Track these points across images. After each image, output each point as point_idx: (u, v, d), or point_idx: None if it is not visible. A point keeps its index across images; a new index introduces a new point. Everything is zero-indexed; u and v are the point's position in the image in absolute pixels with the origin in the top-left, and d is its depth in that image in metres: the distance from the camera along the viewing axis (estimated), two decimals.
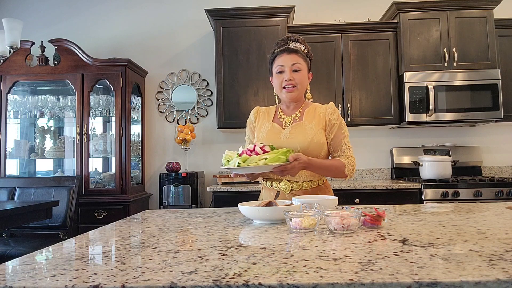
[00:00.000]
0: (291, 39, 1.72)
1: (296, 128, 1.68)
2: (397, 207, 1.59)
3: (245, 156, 1.45)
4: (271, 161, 1.42)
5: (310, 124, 1.68)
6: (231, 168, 1.46)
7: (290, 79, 1.64)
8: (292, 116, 1.73)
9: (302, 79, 1.67)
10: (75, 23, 3.84)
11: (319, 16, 3.68)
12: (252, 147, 1.49)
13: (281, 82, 1.67)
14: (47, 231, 2.93)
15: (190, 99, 3.73)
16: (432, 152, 3.45)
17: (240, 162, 1.43)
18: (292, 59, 1.65)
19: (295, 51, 1.67)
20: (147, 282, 0.67)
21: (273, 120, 1.76)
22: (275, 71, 1.69)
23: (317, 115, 1.71)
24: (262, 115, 1.80)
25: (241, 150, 1.51)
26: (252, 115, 1.82)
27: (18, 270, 0.78)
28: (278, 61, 1.67)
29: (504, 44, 3.29)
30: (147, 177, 3.74)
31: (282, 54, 1.67)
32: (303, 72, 1.67)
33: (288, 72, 1.64)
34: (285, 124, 1.72)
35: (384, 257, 0.79)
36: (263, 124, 1.76)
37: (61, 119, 3.53)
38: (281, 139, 1.67)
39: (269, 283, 0.65)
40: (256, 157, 1.44)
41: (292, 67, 1.64)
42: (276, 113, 1.78)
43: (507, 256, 0.78)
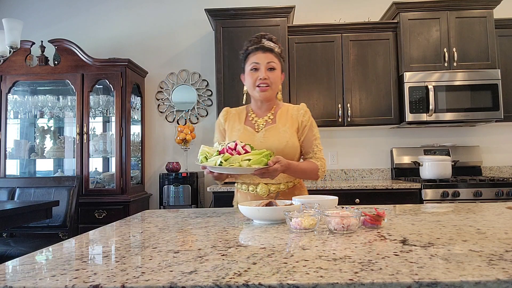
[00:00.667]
0: (265, 37, 1.69)
1: (270, 131, 1.64)
2: (397, 207, 1.59)
3: (228, 155, 1.37)
4: (254, 163, 1.36)
5: (284, 127, 1.65)
6: (210, 166, 1.38)
7: (265, 78, 1.61)
8: (264, 118, 1.70)
9: (276, 78, 1.64)
10: (75, 23, 3.84)
11: (319, 16, 3.68)
12: (233, 145, 1.40)
13: (255, 80, 1.63)
14: (47, 231, 2.93)
15: (190, 99, 3.73)
16: (432, 152, 3.45)
17: (222, 161, 1.35)
18: (267, 57, 1.63)
19: (270, 49, 1.65)
20: (147, 282, 0.67)
21: (244, 122, 1.71)
22: (248, 68, 1.64)
23: (289, 117, 1.68)
24: (232, 116, 1.74)
25: (221, 147, 1.43)
26: (222, 117, 1.76)
27: (18, 270, 0.78)
28: (252, 59, 1.64)
29: (504, 44, 3.29)
30: (147, 177, 3.74)
31: (257, 52, 1.64)
32: (278, 72, 1.65)
33: (263, 70, 1.61)
34: (258, 126, 1.68)
35: (384, 257, 0.79)
36: (234, 127, 1.70)
37: (61, 119, 3.53)
38: (255, 142, 1.61)
39: (269, 283, 0.64)
40: (239, 157, 1.37)
41: (267, 65, 1.62)
42: (247, 114, 1.73)
43: (507, 256, 0.78)
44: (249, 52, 1.66)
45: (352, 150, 3.64)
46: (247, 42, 1.71)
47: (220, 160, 1.35)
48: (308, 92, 3.30)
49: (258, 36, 1.70)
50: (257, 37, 1.70)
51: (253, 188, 1.66)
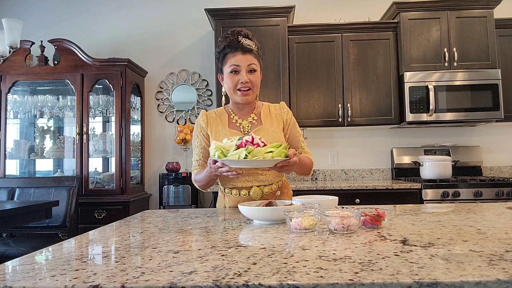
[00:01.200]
0: (241, 34, 1.58)
1: (259, 133, 1.58)
2: (397, 207, 1.59)
3: (251, 148, 1.29)
4: (277, 155, 1.31)
5: (272, 128, 1.63)
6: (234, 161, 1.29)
7: (247, 81, 1.55)
8: (248, 120, 1.65)
9: (257, 81, 1.60)
10: (75, 23, 3.83)
11: (319, 16, 3.68)
12: (251, 138, 1.33)
13: (236, 83, 1.56)
14: (47, 231, 2.93)
15: (190, 99, 3.73)
16: (433, 152, 3.45)
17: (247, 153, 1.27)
18: (247, 59, 1.55)
19: (249, 50, 1.57)
20: (147, 282, 0.67)
21: (228, 125, 1.64)
22: (228, 70, 1.57)
23: (273, 117, 1.67)
24: (213, 120, 1.67)
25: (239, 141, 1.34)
26: (202, 122, 1.66)
27: (18, 270, 0.78)
28: (232, 61, 1.55)
29: (504, 44, 3.29)
30: (147, 177, 3.74)
31: (236, 53, 1.55)
32: (258, 74, 1.60)
33: (244, 74, 1.55)
34: (244, 129, 1.63)
35: (384, 257, 0.79)
36: (218, 131, 1.63)
37: (61, 119, 3.53)
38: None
39: (269, 283, 0.64)
40: (262, 149, 1.30)
41: (248, 67, 1.55)
42: (230, 117, 1.67)
43: (507, 256, 0.78)
44: (227, 52, 1.57)
45: (352, 150, 3.64)
46: (222, 40, 1.60)
47: (245, 153, 1.27)
48: (308, 92, 3.30)
49: (234, 33, 1.59)
50: (232, 34, 1.58)
51: (245, 192, 1.62)
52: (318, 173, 3.62)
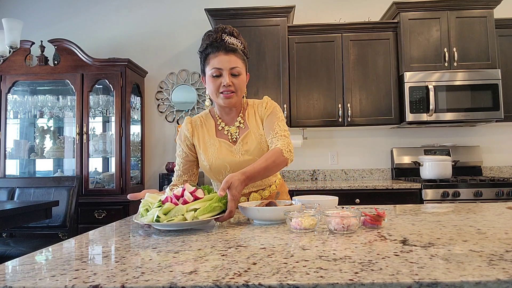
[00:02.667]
0: (225, 31, 1.46)
1: (247, 139, 1.52)
2: (397, 207, 1.58)
3: (169, 207, 1.10)
4: (202, 213, 1.12)
5: (259, 131, 1.54)
6: (147, 223, 1.13)
7: (230, 85, 1.44)
8: (235, 124, 1.56)
9: (241, 84, 1.48)
10: (75, 23, 3.83)
11: (319, 16, 3.68)
12: (180, 192, 1.16)
13: (218, 86, 1.45)
14: (47, 231, 2.93)
15: (190, 99, 3.73)
16: (432, 152, 3.45)
17: (160, 214, 1.09)
18: (231, 61, 1.43)
19: (233, 50, 1.44)
20: (147, 282, 0.67)
21: (216, 134, 1.55)
22: (210, 73, 1.45)
23: (258, 118, 1.56)
24: (199, 129, 1.58)
25: (166, 194, 1.17)
26: (186, 131, 1.57)
27: (18, 270, 0.78)
28: (213, 62, 1.44)
29: (504, 44, 3.29)
30: (147, 177, 3.73)
31: (218, 54, 1.43)
32: (242, 76, 1.48)
33: (226, 76, 1.43)
34: (231, 136, 1.54)
35: (384, 257, 0.79)
36: (206, 141, 1.54)
37: (61, 119, 3.53)
38: (236, 156, 1.50)
39: (269, 283, 0.64)
40: (183, 207, 1.11)
41: (230, 71, 1.44)
42: (216, 123, 1.58)
43: (507, 256, 0.78)
44: (209, 53, 1.45)
45: (352, 150, 3.64)
46: (205, 38, 1.48)
47: (157, 214, 1.09)
48: (308, 92, 3.30)
49: (217, 30, 1.46)
50: (216, 31, 1.45)
51: (244, 199, 1.58)
52: (318, 173, 3.62)
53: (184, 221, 1.09)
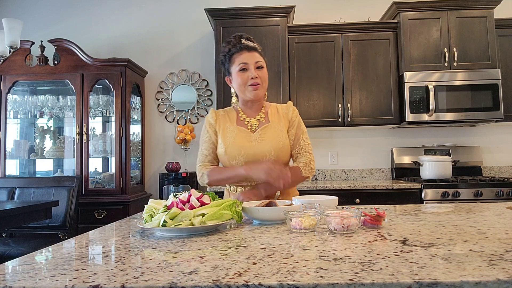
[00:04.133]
0: (243, 37, 1.64)
1: (266, 131, 1.64)
2: (397, 207, 1.59)
3: (176, 211, 1.09)
4: (210, 218, 1.10)
5: (279, 127, 1.66)
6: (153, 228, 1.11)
7: (256, 76, 1.59)
8: (256, 118, 1.68)
9: (265, 76, 1.64)
10: (75, 23, 3.83)
11: (319, 16, 3.68)
12: (186, 197, 1.15)
13: (245, 79, 1.59)
14: (47, 231, 2.93)
15: (190, 99, 3.73)
16: (433, 152, 3.45)
17: (167, 219, 1.08)
18: (254, 56, 1.61)
19: (254, 48, 1.63)
20: (147, 282, 0.67)
21: (236, 123, 1.68)
22: (237, 69, 1.60)
23: (281, 116, 1.69)
24: (221, 118, 1.70)
25: (171, 200, 1.16)
26: (211, 118, 1.70)
27: (18, 270, 0.78)
28: (239, 59, 1.60)
29: (504, 44, 3.29)
30: (147, 177, 3.74)
31: (242, 52, 1.60)
32: (265, 70, 1.64)
33: (252, 70, 1.59)
34: (251, 126, 1.66)
35: (384, 257, 0.79)
36: (226, 128, 1.66)
37: (61, 119, 3.53)
38: (252, 143, 1.61)
39: (269, 283, 0.64)
40: (191, 212, 1.10)
41: (255, 64, 1.60)
42: (238, 115, 1.70)
43: (507, 256, 0.78)
44: (233, 52, 1.62)
45: (352, 150, 3.64)
46: (225, 44, 1.66)
47: (163, 219, 1.07)
48: (308, 92, 3.30)
49: (236, 36, 1.65)
50: (235, 38, 1.65)
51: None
52: (318, 173, 3.62)
53: (192, 226, 1.07)
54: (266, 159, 1.59)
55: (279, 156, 1.61)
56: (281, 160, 1.62)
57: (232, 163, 1.62)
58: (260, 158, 1.59)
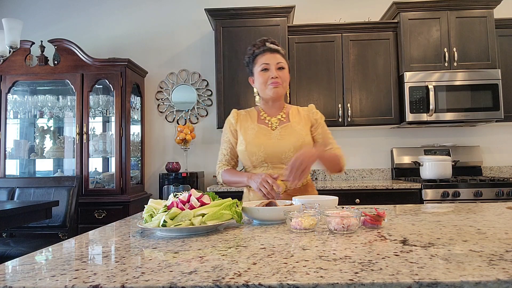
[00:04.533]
0: (268, 41, 1.73)
1: (286, 129, 1.70)
2: (397, 207, 1.59)
3: (176, 211, 1.09)
4: (211, 218, 1.10)
5: (299, 126, 1.71)
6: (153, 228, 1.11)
7: (277, 76, 1.66)
8: (277, 117, 1.74)
9: (286, 77, 1.70)
10: (75, 23, 3.83)
11: (319, 16, 3.68)
12: (186, 197, 1.15)
13: (266, 79, 1.67)
14: (46, 231, 2.93)
15: (190, 99, 3.73)
16: (432, 152, 3.45)
17: (167, 220, 1.07)
18: (276, 57, 1.68)
19: (277, 50, 1.70)
20: (147, 282, 0.67)
21: (257, 121, 1.75)
22: (259, 69, 1.69)
23: (302, 117, 1.75)
24: (242, 117, 1.78)
25: (171, 200, 1.16)
26: (232, 118, 1.78)
27: (18, 270, 0.78)
28: (261, 60, 1.68)
29: (504, 44, 3.29)
30: (147, 177, 3.74)
31: (265, 53, 1.68)
32: (286, 71, 1.71)
33: (273, 70, 1.66)
34: (272, 124, 1.72)
35: (384, 257, 0.79)
36: (247, 126, 1.73)
37: (61, 119, 3.53)
38: (272, 140, 1.67)
39: (269, 283, 0.64)
40: (191, 212, 1.10)
41: (277, 65, 1.67)
42: (259, 114, 1.77)
43: (507, 256, 0.78)
44: (257, 54, 1.70)
45: (352, 150, 3.63)
46: (250, 47, 1.75)
47: (164, 219, 1.07)
48: (308, 92, 3.30)
49: (261, 40, 1.74)
50: (260, 41, 1.74)
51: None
52: (318, 173, 3.62)
53: (192, 226, 1.07)
54: (285, 156, 1.64)
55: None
56: None
57: (252, 159, 1.68)
58: (279, 155, 1.65)
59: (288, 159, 1.61)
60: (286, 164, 1.61)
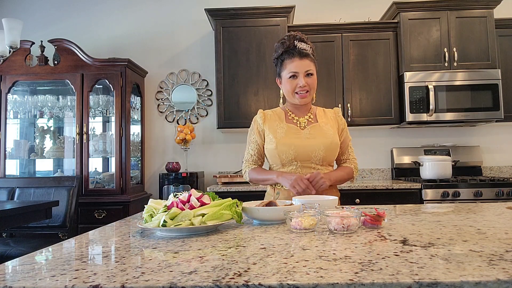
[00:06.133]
0: (297, 38, 1.68)
1: (315, 129, 1.71)
2: (397, 207, 1.58)
3: (176, 211, 1.09)
4: (211, 218, 1.10)
5: (327, 126, 1.74)
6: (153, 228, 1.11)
7: (305, 85, 1.65)
8: (305, 117, 1.76)
9: (314, 83, 1.70)
10: (75, 23, 3.83)
11: (319, 16, 3.68)
12: (186, 197, 1.15)
13: (294, 87, 1.67)
14: (47, 231, 2.93)
15: (190, 99, 3.73)
16: (433, 152, 3.45)
17: (167, 219, 1.07)
18: (305, 65, 1.65)
19: (306, 55, 1.67)
20: (147, 282, 0.67)
21: (286, 121, 1.76)
22: (287, 75, 1.67)
23: (329, 118, 1.78)
24: (270, 117, 1.78)
25: (171, 200, 1.16)
26: (260, 119, 1.78)
27: (18, 270, 0.78)
28: (290, 67, 1.66)
29: (504, 44, 3.29)
30: (147, 177, 3.74)
31: (294, 59, 1.65)
32: (314, 76, 1.70)
33: (302, 78, 1.65)
34: (301, 124, 1.74)
35: (384, 257, 0.79)
36: (277, 126, 1.74)
37: (61, 119, 3.53)
38: (301, 138, 1.69)
39: (269, 283, 0.64)
40: (191, 212, 1.10)
41: (305, 72, 1.65)
42: (287, 114, 1.78)
43: (507, 256, 0.78)
44: (285, 58, 1.67)
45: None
46: (279, 45, 1.71)
47: (163, 219, 1.07)
48: None
49: (290, 38, 1.69)
50: (288, 39, 1.68)
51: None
52: None
53: (192, 226, 1.07)
54: (315, 155, 1.67)
55: (328, 153, 1.68)
56: (329, 158, 1.70)
57: (282, 157, 1.69)
58: (309, 154, 1.67)
59: (318, 158, 1.67)
60: (315, 163, 1.68)
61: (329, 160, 1.72)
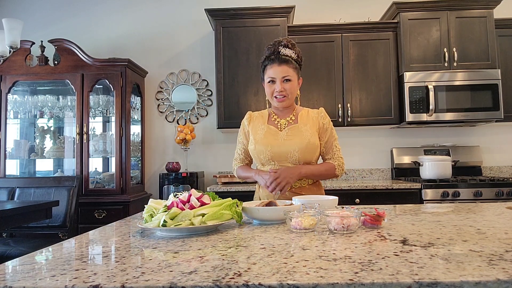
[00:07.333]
0: (281, 44, 1.75)
1: (293, 130, 1.76)
2: (397, 207, 1.59)
3: (176, 211, 1.10)
4: (210, 218, 1.11)
5: (305, 127, 1.76)
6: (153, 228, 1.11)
7: (281, 90, 1.72)
8: (286, 119, 1.81)
9: (292, 88, 1.74)
10: (75, 23, 3.83)
11: (319, 16, 3.68)
12: (186, 197, 1.16)
13: (272, 91, 1.74)
14: (47, 231, 2.92)
15: (190, 99, 3.73)
16: (432, 152, 3.45)
17: (167, 219, 1.08)
18: (283, 71, 1.71)
19: (286, 61, 1.72)
20: (147, 282, 0.67)
21: (268, 122, 1.83)
22: (266, 80, 1.76)
23: (310, 119, 1.80)
24: (255, 119, 1.86)
25: (171, 200, 1.17)
26: (246, 120, 1.88)
27: (18, 270, 0.78)
28: (269, 72, 1.73)
29: (504, 44, 3.29)
30: (147, 177, 3.74)
31: (273, 65, 1.72)
32: (293, 82, 1.74)
33: (279, 83, 1.71)
34: (281, 126, 1.79)
35: (384, 257, 0.79)
36: (258, 127, 1.82)
37: (61, 119, 3.53)
38: (279, 140, 1.75)
39: (269, 283, 0.64)
40: (191, 212, 1.10)
41: (282, 78, 1.71)
42: (270, 116, 1.86)
43: (507, 256, 0.78)
44: (266, 64, 1.75)
45: (352, 150, 3.63)
46: (265, 50, 1.78)
47: (164, 218, 1.08)
48: (308, 92, 3.30)
49: (275, 43, 1.76)
50: (273, 44, 1.76)
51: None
52: None
53: (192, 226, 1.08)
54: (291, 155, 1.71)
55: (303, 154, 1.71)
56: (306, 159, 1.72)
57: (260, 157, 1.76)
58: (285, 155, 1.72)
59: (293, 159, 1.71)
60: (292, 163, 1.72)
61: (307, 161, 1.73)
